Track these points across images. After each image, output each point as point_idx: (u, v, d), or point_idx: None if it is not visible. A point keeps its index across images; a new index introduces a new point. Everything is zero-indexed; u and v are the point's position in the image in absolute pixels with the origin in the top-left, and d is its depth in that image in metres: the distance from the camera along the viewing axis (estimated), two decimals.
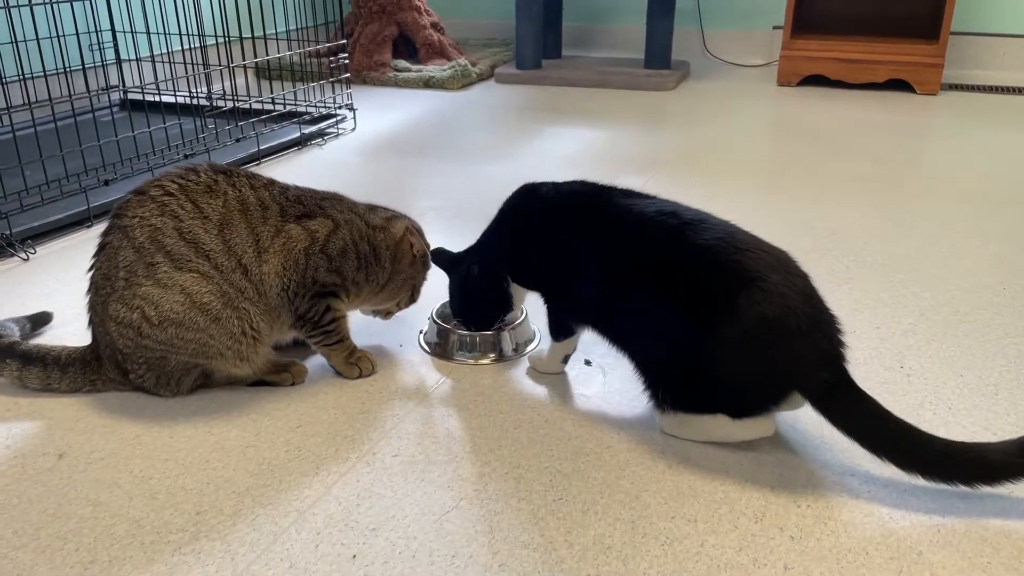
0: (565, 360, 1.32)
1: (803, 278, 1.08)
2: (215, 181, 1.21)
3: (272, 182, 1.27)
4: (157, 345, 1.18)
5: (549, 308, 1.29)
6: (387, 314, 1.41)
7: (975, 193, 2.15)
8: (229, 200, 1.20)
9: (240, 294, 1.19)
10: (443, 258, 1.40)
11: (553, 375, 1.32)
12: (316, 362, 1.36)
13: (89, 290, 1.22)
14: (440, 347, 1.40)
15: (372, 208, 1.35)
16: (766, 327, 1.02)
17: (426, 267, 1.37)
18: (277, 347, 1.35)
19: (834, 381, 1.04)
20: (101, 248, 1.21)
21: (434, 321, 1.42)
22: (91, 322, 1.24)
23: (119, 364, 1.22)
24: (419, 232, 1.37)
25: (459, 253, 1.38)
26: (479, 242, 1.36)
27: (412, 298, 1.39)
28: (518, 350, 1.39)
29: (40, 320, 1.45)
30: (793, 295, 1.04)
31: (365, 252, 1.28)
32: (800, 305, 1.04)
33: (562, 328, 1.28)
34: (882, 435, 1.02)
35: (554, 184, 1.29)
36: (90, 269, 1.22)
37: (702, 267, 1.07)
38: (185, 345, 1.18)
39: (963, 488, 1.01)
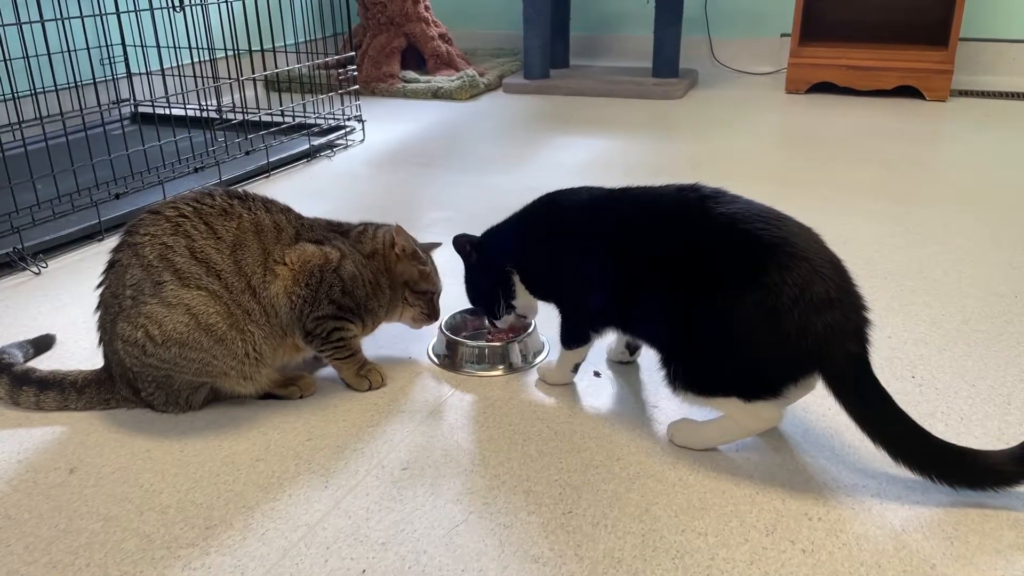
0: (575, 370, 1.31)
1: (828, 248, 1.07)
2: (230, 205, 1.22)
3: (288, 209, 1.29)
4: (161, 364, 1.18)
5: (565, 316, 1.28)
6: (413, 320, 1.39)
7: (986, 200, 2.14)
8: (244, 222, 1.21)
9: (247, 316, 1.20)
10: (463, 243, 1.35)
11: (562, 386, 1.32)
12: (325, 375, 1.36)
13: (98, 308, 1.23)
14: (449, 359, 1.40)
15: (362, 231, 1.35)
16: (794, 292, 1.00)
17: (416, 260, 1.35)
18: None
19: (859, 356, 1.02)
20: (110, 266, 1.22)
21: (443, 333, 1.42)
22: (101, 340, 1.24)
23: (130, 382, 1.23)
24: (403, 231, 1.35)
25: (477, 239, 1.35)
26: (493, 233, 1.33)
27: (415, 295, 1.36)
28: (527, 362, 1.39)
29: (43, 344, 1.44)
30: (819, 260, 1.03)
31: (368, 279, 1.29)
32: (828, 271, 1.02)
33: (578, 335, 1.27)
34: (885, 422, 1.02)
35: (572, 192, 1.27)
36: (99, 286, 1.23)
37: (728, 235, 1.06)
38: (188, 365, 1.18)
39: (946, 487, 1.03)
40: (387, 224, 1.38)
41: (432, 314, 1.38)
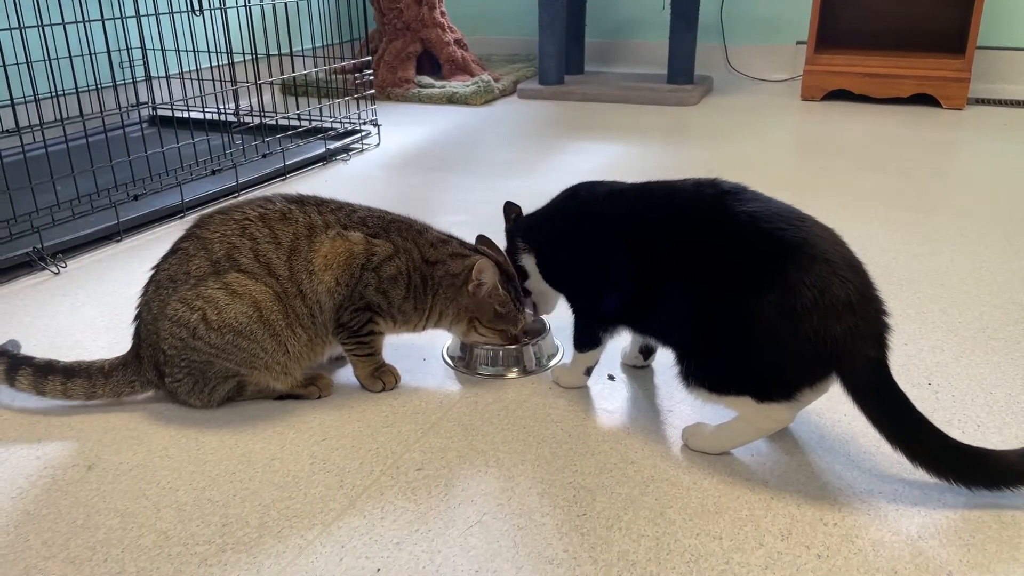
0: (588, 373, 1.31)
1: (850, 251, 1.06)
2: (289, 210, 1.25)
3: (341, 206, 1.30)
4: (208, 348, 1.20)
5: (577, 314, 1.28)
6: (486, 343, 1.36)
7: (1004, 208, 2.13)
8: (299, 227, 1.24)
9: (297, 319, 1.23)
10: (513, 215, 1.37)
11: (576, 389, 1.32)
12: (341, 376, 1.37)
13: (147, 286, 1.25)
14: (463, 361, 1.40)
15: (446, 240, 1.32)
16: (813, 294, 0.99)
17: (490, 297, 1.29)
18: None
19: (878, 361, 1.02)
20: (173, 252, 1.25)
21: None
22: (139, 317, 1.26)
23: (158, 365, 1.24)
24: (491, 268, 1.28)
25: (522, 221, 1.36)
26: (524, 218, 1.34)
27: (484, 327, 1.32)
28: (541, 364, 1.39)
29: (13, 347, 1.41)
30: (841, 263, 1.02)
31: (416, 284, 1.29)
32: (849, 275, 1.01)
33: (590, 337, 1.27)
34: (903, 425, 1.02)
35: (593, 184, 1.27)
36: (155, 268, 1.26)
37: (749, 234, 1.05)
38: (237, 353, 1.21)
39: (963, 489, 1.03)
40: (477, 256, 1.31)
41: (510, 342, 1.36)
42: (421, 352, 1.44)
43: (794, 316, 1.00)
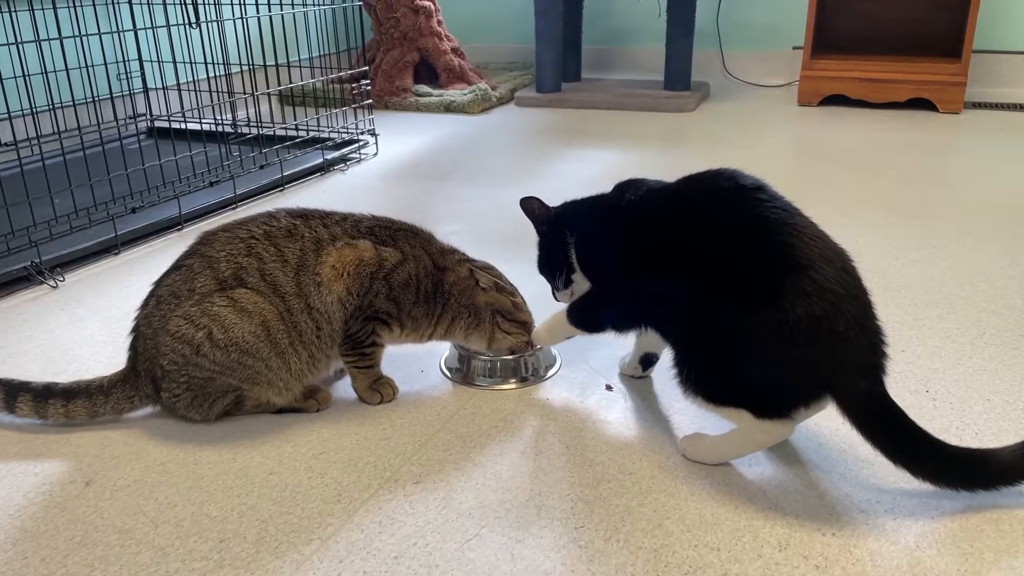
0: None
1: (857, 279, 1.05)
2: (294, 225, 1.26)
3: (345, 217, 1.31)
4: (211, 365, 1.20)
5: (595, 299, 1.25)
6: (509, 351, 1.38)
7: (1001, 213, 2.13)
8: (305, 242, 1.25)
9: (299, 337, 1.23)
10: (533, 207, 1.31)
11: (555, 343, 1.35)
12: (339, 389, 1.37)
13: (148, 300, 1.25)
14: (461, 372, 1.40)
15: (452, 250, 1.36)
16: (810, 322, 0.98)
17: (502, 292, 1.34)
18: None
19: (871, 392, 1.02)
20: (177, 267, 1.25)
21: (455, 346, 1.43)
22: (136, 330, 1.26)
23: (155, 379, 1.24)
24: (487, 270, 1.36)
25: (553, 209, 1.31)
26: (567, 204, 1.31)
27: (512, 323, 1.35)
28: (539, 375, 1.39)
29: None
30: (843, 293, 1.00)
31: (427, 289, 1.30)
32: (849, 306, 1.00)
33: (591, 321, 1.26)
34: (900, 445, 1.02)
35: (636, 180, 1.25)
36: (156, 283, 1.26)
37: (757, 241, 1.04)
38: (241, 371, 1.21)
39: (965, 493, 1.04)
40: (474, 260, 1.37)
41: (527, 338, 1.37)
42: (419, 364, 1.44)
43: (788, 339, 0.99)
